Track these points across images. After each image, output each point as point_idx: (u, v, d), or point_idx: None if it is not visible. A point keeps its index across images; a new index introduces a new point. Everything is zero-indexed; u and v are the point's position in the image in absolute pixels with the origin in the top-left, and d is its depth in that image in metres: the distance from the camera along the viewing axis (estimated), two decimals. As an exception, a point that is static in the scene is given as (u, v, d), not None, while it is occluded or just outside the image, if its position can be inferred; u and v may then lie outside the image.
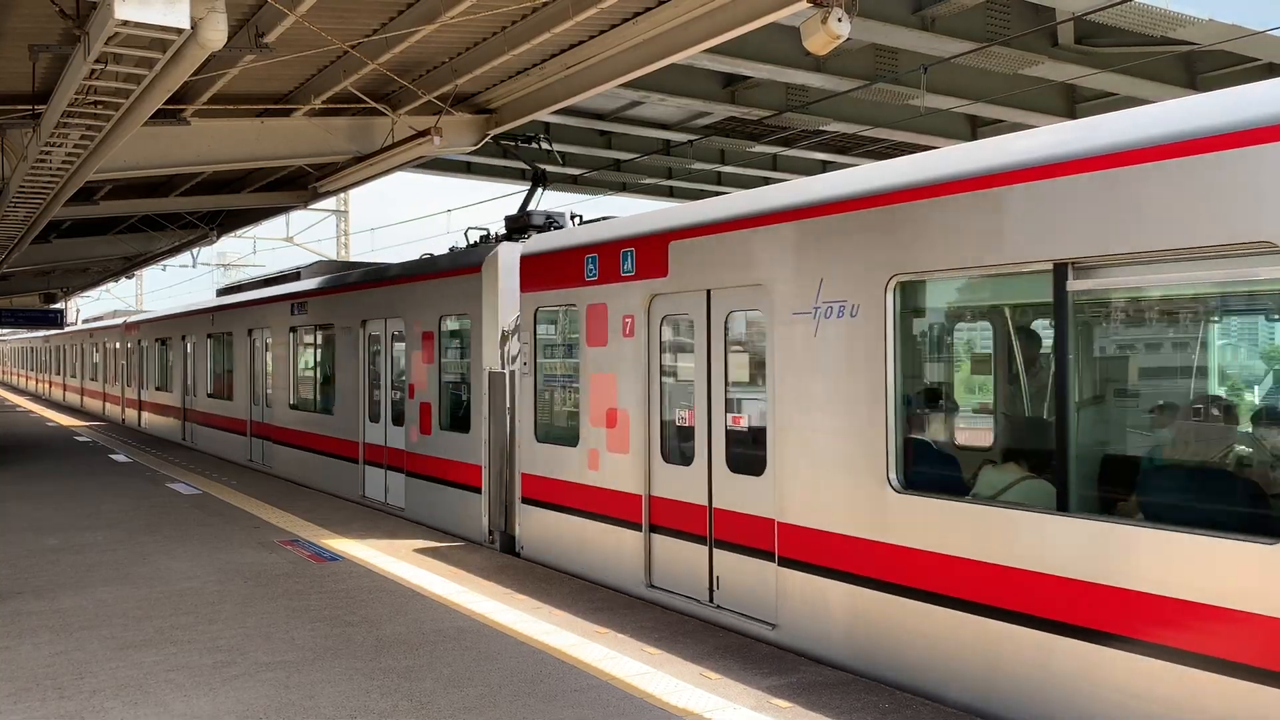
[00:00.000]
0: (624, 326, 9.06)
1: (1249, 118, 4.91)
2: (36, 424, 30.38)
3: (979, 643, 5.96)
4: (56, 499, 14.59)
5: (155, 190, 18.22)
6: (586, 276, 9.56)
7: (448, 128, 12.65)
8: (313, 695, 6.29)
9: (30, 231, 15.92)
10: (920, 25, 13.81)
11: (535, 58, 11.31)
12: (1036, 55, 14.92)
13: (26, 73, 9.98)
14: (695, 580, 8.28)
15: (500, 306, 11.43)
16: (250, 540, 11.40)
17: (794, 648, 7.26)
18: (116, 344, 32.37)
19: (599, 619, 8.12)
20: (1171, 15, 13.91)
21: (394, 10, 9.74)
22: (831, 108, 17.78)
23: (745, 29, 9.29)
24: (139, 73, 7.26)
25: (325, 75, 11.93)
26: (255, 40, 9.48)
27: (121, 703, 6.16)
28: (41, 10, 8.26)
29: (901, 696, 6.31)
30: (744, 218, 7.86)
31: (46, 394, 48.47)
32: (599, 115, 18.95)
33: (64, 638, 7.55)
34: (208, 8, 6.35)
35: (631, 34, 10.24)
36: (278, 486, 16.15)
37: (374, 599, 8.73)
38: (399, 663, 6.94)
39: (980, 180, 6.09)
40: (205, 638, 7.55)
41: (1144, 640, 5.17)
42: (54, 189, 11.84)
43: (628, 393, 9.01)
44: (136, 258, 28.35)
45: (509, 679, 6.62)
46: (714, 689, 6.43)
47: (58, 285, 36.78)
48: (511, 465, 10.99)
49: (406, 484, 13.28)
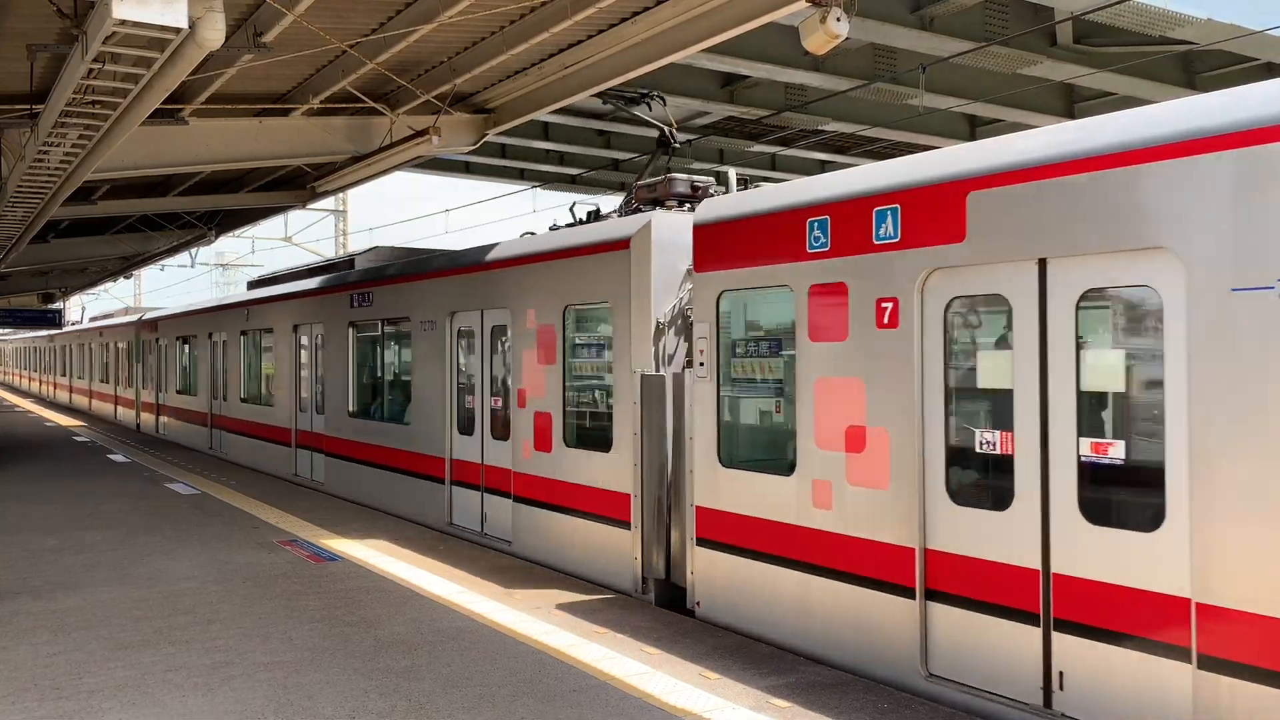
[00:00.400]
0: (879, 314, 6.72)
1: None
2: (35, 424, 30.36)
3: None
4: (55, 499, 14.57)
5: (153, 190, 18.20)
6: (810, 247, 7.26)
7: (446, 127, 12.63)
8: (311, 695, 6.28)
9: (28, 231, 15.91)
10: (919, 25, 13.83)
11: (534, 57, 11.30)
12: (1035, 55, 14.94)
13: (24, 72, 9.97)
14: (1017, 671, 5.96)
15: (654, 292, 9.10)
16: (249, 540, 11.39)
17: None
18: (129, 343, 30.27)
19: (598, 619, 8.11)
20: (1170, 15, 13.93)
21: (392, 10, 9.73)
22: (830, 107, 17.80)
23: (744, 28, 9.29)
24: (137, 72, 7.25)
25: (323, 75, 11.92)
26: (253, 40, 9.46)
27: (119, 703, 6.15)
28: (39, 10, 8.25)
29: (900, 696, 6.31)
30: (1138, 147, 5.43)
31: (51, 396, 46.44)
32: (598, 115, 18.96)
33: (62, 638, 7.54)
34: (205, 7, 6.34)
35: (630, 33, 10.23)
36: (336, 507, 13.97)
37: (372, 599, 8.72)
38: (397, 663, 6.94)
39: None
40: (203, 638, 7.54)
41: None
42: (52, 189, 11.83)
43: (884, 405, 6.68)
44: (135, 258, 28.33)
45: (508, 679, 6.61)
46: (713, 689, 6.43)
47: (56, 285, 36.75)
48: (677, 495, 8.78)
49: (514, 512, 10.97)
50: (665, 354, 9.16)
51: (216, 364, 21.94)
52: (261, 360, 19.38)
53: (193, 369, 23.78)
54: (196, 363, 23.39)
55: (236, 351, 20.46)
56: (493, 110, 13.27)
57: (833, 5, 7.98)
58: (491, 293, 11.51)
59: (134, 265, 31.36)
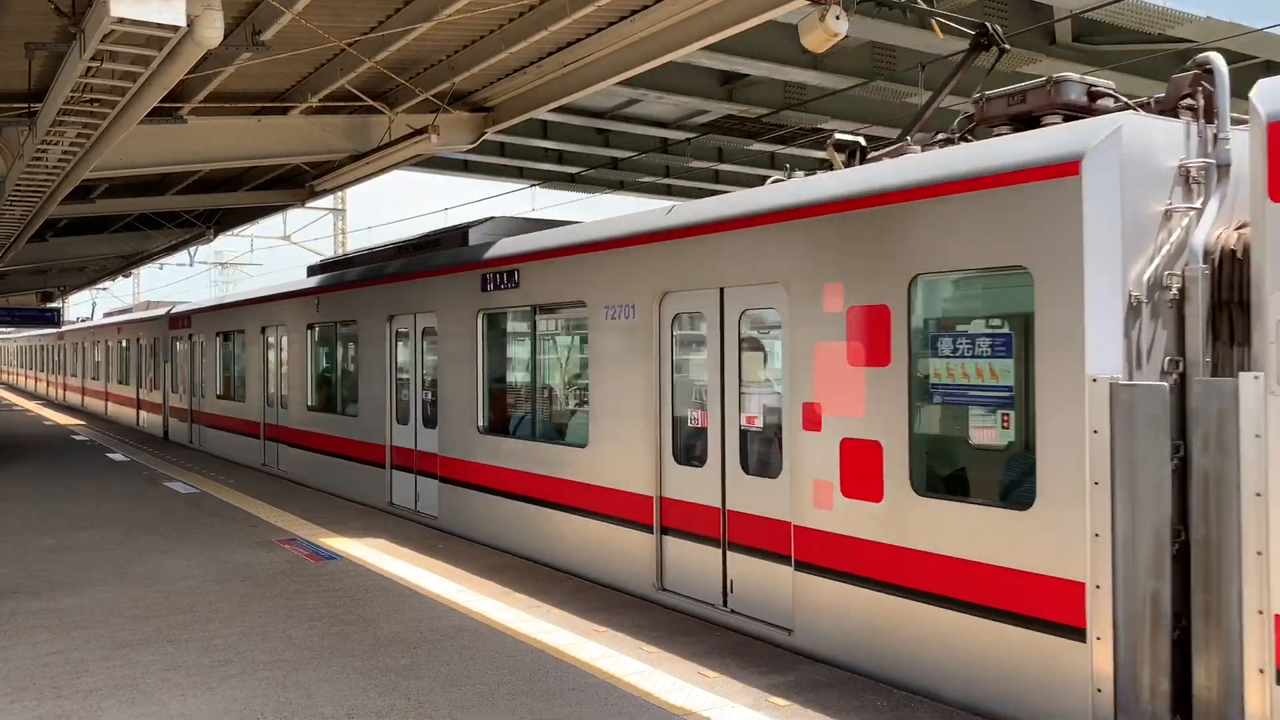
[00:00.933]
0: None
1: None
2: (34, 423, 30.35)
3: None
4: (54, 498, 14.56)
5: (152, 189, 18.20)
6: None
7: (445, 126, 12.62)
8: (310, 694, 6.28)
9: (27, 230, 15.90)
10: (918, 23, 13.82)
11: (532, 55, 11.30)
12: (1034, 53, 14.94)
13: (22, 71, 9.96)
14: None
15: (1122, 247, 5.68)
16: (248, 539, 11.38)
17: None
18: (155, 340, 26.84)
19: (597, 618, 8.11)
20: (1169, 13, 13.94)
21: (391, 8, 9.72)
22: (829, 105, 17.81)
23: (743, 26, 9.30)
24: (135, 70, 7.25)
25: (322, 73, 11.91)
26: (252, 38, 9.46)
27: (118, 702, 6.15)
28: (37, 8, 8.24)
29: (899, 695, 6.31)
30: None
31: (61, 398, 43.34)
32: (597, 113, 18.97)
33: (61, 637, 7.54)
34: (204, 5, 6.34)
35: (629, 32, 10.23)
36: (479, 555, 10.45)
37: (372, 598, 8.72)
38: (397, 661, 6.94)
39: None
40: (202, 637, 7.53)
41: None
42: (50, 187, 11.83)
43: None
44: (133, 256, 28.34)
45: (507, 677, 6.61)
46: (712, 687, 6.43)
47: (54, 284, 36.74)
48: (1215, 594, 5.20)
49: (794, 585, 7.37)
50: (1142, 348, 5.79)
51: (274, 364, 18.39)
52: (343, 360, 15.73)
53: (239, 370, 20.33)
54: (246, 363, 19.83)
55: (303, 349, 16.80)
56: (491, 109, 13.27)
57: (832, 3, 7.98)
58: (736, 263, 7.90)
59: (133, 264, 31.35)
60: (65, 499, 14.48)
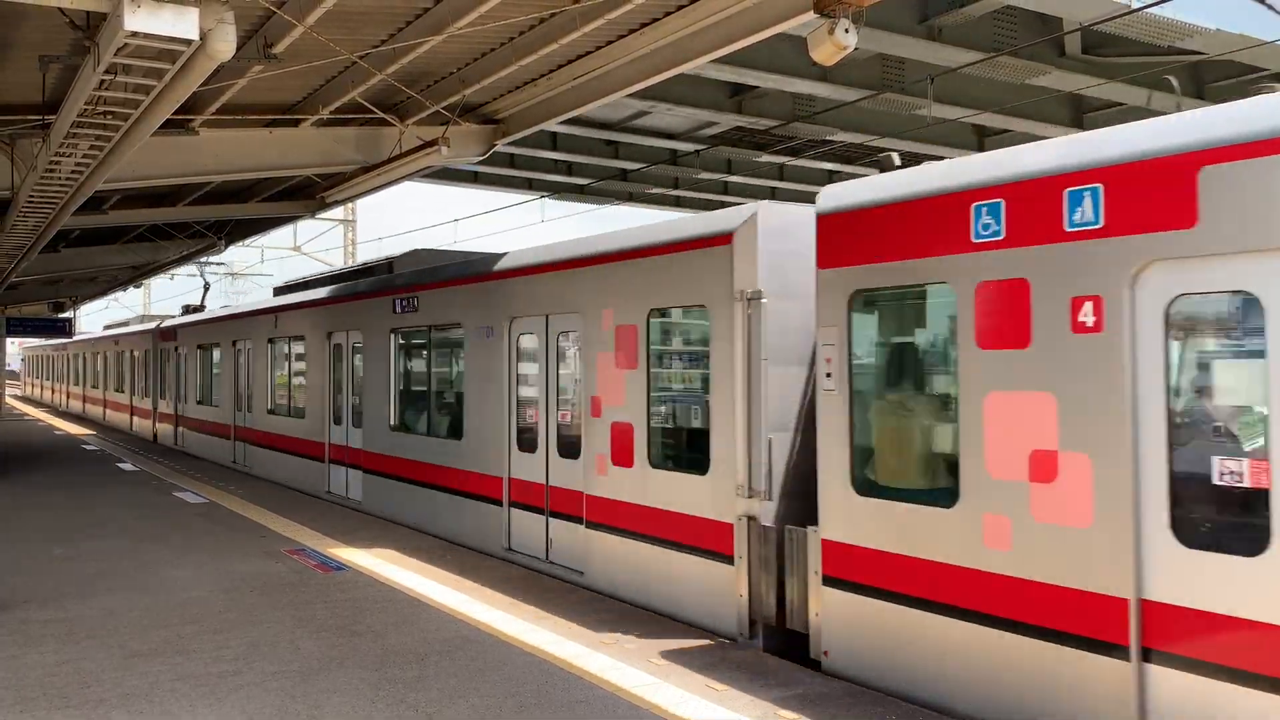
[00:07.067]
0: (1072, 317, 5.80)
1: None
2: (45, 432, 30.46)
3: None
4: (64, 507, 14.61)
5: (163, 200, 18.29)
6: (977, 236, 6.33)
7: (455, 138, 12.67)
8: (318, 705, 6.28)
9: (39, 240, 15.98)
10: (927, 35, 13.84)
11: (543, 68, 11.34)
12: (1043, 65, 14.94)
13: (36, 83, 10.04)
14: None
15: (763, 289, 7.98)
16: (256, 549, 11.40)
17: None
18: (146, 351, 26.80)
19: (604, 629, 8.10)
20: (1179, 25, 13.93)
21: (402, 21, 9.77)
22: (838, 117, 17.81)
23: (752, 39, 9.31)
24: (148, 83, 7.30)
25: (333, 86, 11.98)
26: (263, 51, 9.52)
27: (127, 712, 6.16)
28: (51, 21, 8.31)
29: (906, 708, 6.29)
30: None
31: (66, 406, 43.40)
32: (606, 125, 19.01)
33: (70, 646, 7.55)
34: (216, 19, 6.38)
35: (638, 44, 10.26)
36: (394, 532, 11.85)
37: (380, 608, 8.72)
38: (404, 672, 6.94)
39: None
40: (211, 647, 7.55)
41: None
42: (63, 198, 11.89)
43: (1080, 426, 5.72)
44: (144, 267, 28.45)
45: (514, 689, 6.60)
46: (720, 700, 6.41)
47: (66, 294, 36.91)
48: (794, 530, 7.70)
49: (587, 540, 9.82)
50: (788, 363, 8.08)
51: (242, 373, 18.68)
52: (289, 369, 16.84)
53: (215, 378, 20.25)
54: (220, 373, 19.98)
55: (264, 361, 17.19)
56: (501, 121, 13.32)
57: (841, 16, 7.99)
58: (555, 297, 10.36)
59: (144, 274, 31.50)
60: (75, 508, 14.52)
